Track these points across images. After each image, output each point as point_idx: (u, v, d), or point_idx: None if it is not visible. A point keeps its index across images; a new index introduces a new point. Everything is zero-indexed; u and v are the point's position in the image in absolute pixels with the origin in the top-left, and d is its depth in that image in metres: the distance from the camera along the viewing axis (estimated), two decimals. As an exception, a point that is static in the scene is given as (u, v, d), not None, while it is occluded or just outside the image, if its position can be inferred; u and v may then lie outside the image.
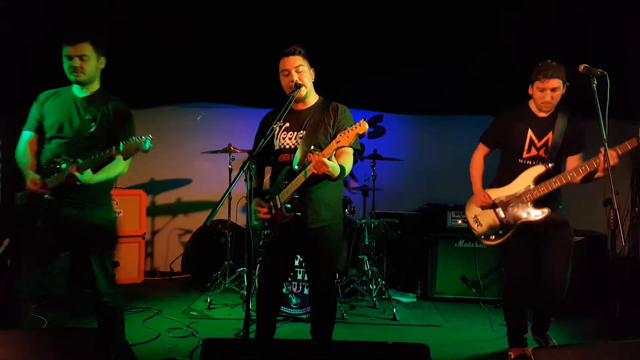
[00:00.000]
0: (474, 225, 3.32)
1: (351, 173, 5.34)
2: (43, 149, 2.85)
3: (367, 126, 2.49)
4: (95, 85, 2.91)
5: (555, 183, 2.98)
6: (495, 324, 4.01)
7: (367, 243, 4.92)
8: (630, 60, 4.31)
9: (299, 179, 2.69)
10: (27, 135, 2.90)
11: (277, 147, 2.91)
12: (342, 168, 2.70)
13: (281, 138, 2.89)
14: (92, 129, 2.79)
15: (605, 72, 2.64)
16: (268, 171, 3.11)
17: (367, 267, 4.77)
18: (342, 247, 4.82)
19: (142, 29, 4.96)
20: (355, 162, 6.25)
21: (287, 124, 2.89)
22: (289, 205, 2.77)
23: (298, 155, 2.77)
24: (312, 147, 2.72)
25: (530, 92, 3.13)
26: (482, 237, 3.27)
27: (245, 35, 5.09)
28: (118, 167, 2.78)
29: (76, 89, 2.88)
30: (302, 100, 2.88)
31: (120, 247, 5.27)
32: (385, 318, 4.27)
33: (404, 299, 4.87)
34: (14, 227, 2.85)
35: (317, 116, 2.85)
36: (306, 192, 2.76)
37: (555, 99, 3.03)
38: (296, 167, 2.75)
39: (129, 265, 5.31)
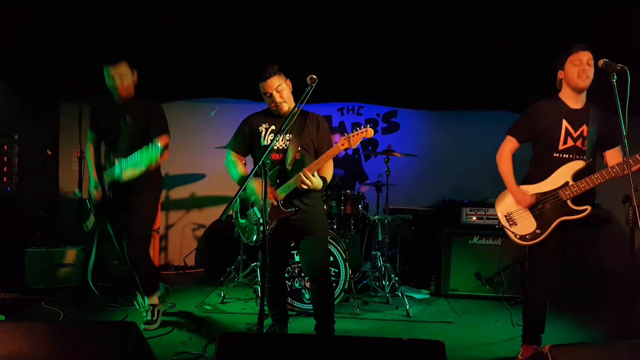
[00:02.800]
0: (507, 225, 3.11)
1: (361, 174, 5.39)
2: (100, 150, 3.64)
3: (372, 131, 2.90)
4: (132, 94, 3.53)
5: (597, 179, 2.82)
6: (514, 321, 3.99)
7: (380, 239, 4.91)
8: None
9: (291, 184, 2.99)
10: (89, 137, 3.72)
11: (264, 144, 3.15)
12: (324, 179, 3.07)
13: (268, 139, 3.15)
14: (130, 131, 3.44)
15: (626, 67, 2.58)
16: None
17: (380, 263, 4.76)
18: (353, 243, 4.83)
19: (156, 24, 4.99)
20: (368, 157, 6.27)
21: (273, 127, 3.17)
22: (283, 202, 3.05)
23: (289, 155, 3.07)
24: (300, 148, 3.10)
25: (560, 76, 3.01)
26: (517, 237, 3.06)
27: (261, 31, 5.08)
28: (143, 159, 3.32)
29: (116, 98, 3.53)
30: (285, 110, 3.16)
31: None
32: (398, 314, 4.26)
33: (417, 295, 4.85)
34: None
35: (299, 121, 3.14)
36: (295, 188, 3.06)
37: (591, 73, 2.89)
38: (289, 166, 3.05)
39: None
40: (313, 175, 2.91)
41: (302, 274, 4.09)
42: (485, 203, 4.98)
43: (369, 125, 2.90)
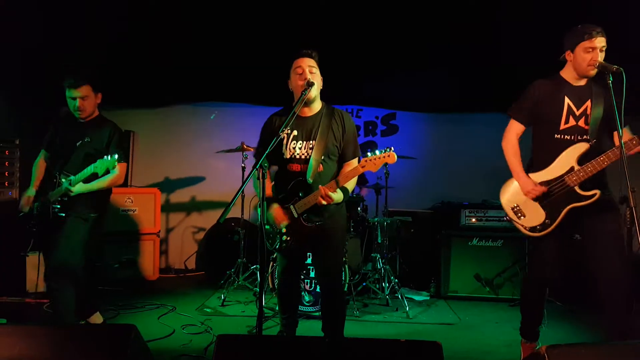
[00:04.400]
0: (515, 217, 2.98)
1: (361, 176, 5.37)
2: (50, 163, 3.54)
3: (395, 157, 2.69)
4: (94, 114, 3.50)
5: (604, 161, 2.67)
6: (514, 322, 4.00)
7: (379, 241, 4.92)
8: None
9: (311, 200, 2.81)
10: (41, 153, 3.62)
11: (287, 156, 2.95)
12: (346, 191, 2.91)
13: (291, 147, 2.94)
14: (86, 151, 3.35)
15: (622, 69, 2.59)
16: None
17: (380, 265, 4.77)
18: (353, 245, 4.83)
19: (157, 29, 5.01)
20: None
21: (295, 132, 2.93)
22: (305, 215, 2.86)
23: (312, 167, 2.84)
24: (322, 157, 2.87)
25: (568, 58, 2.86)
26: (527, 229, 2.94)
27: (260, 35, 5.11)
28: (99, 183, 3.32)
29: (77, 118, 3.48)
30: (310, 103, 2.93)
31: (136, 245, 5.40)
32: (398, 316, 4.27)
33: (417, 297, 4.86)
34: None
35: (324, 124, 2.92)
36: None
37: (602, 60, 2.74)
38: (310, 179, 2.83)
39: (144, 262, 5.38)
40: (334, 192, 2.76)
41: (302, 277, 4.09)
42: (485, 205, 5.00)
43: (391, 149, 2.69)
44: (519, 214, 2.99)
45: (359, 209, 4.90)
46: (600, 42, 2.76)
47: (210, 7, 4.91)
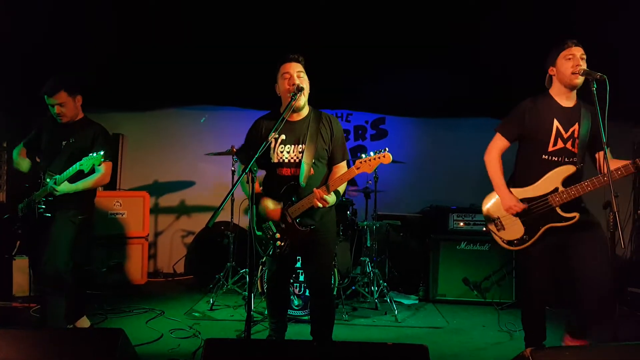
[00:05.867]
0: (495, 229, 3.03)
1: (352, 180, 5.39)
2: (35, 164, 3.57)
3: (391, 158, 2.66)
4: (78, 117, 3.53)
5: (588, 187, 2.73)
6: (501, 325, 4.04)
7: (369, 245, 4.94)
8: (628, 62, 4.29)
9: (305, 204, 2.83)
10: (20, 145, 3.64)
11: (275, 160, 2.96)
12: (338, 193, 2.91)
13: (279, 151, 2.94)
14: (71, 151, 3.37)
15: (605, 76, 2.64)
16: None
17: (369, 269, 4.79)
18: (342, 249, 4.85)
19: (147, 32, 5.00)
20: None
21: (283, 136, 2.94)
22: (299, 220, 2.88)
23: (304, 170, 2.86)
24: (313, 161, 2.88)
25: (552, 73, 2.93)
26: (505, 242, 3.00)
27: (249, 38, 5.12)
28: (85, 183, 3.35)
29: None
30: (299, 109, 2.94)
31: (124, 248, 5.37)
32: (387, 320, 4.28)
33: (405, 301, 4.88)
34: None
35: (313, 128, 2.93)
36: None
37: (585, 68, 2.80)
38: (303, 183, 2.85)
39: (133, 266, 5.35)
40: (329, 195, 2.79)
41: (291, 281, 4.10)
42: (473, 209, 5.04)
43: (386, 150, 2.67)
44: (499, 227, 3.03)
45: (348, 212, 4.92)
46: (578, 50, 2.85)
47: (200, 10, 4.91)
